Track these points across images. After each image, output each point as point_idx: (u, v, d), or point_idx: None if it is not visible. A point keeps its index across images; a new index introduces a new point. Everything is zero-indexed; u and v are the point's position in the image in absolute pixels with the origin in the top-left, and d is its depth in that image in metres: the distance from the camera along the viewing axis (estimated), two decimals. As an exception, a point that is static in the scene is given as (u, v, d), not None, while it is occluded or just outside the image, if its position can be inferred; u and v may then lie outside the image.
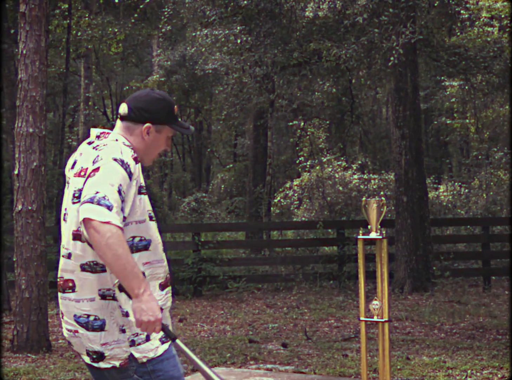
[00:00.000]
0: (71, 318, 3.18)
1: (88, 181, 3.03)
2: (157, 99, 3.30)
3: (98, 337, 3.10)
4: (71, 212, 3.17)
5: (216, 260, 14.44)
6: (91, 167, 3.08)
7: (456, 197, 21.35)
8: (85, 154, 3.24)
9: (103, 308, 3.10)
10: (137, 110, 3.26)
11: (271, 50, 14.83)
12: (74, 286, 3.15)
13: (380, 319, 5.39)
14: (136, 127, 3.28)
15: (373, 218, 5.42)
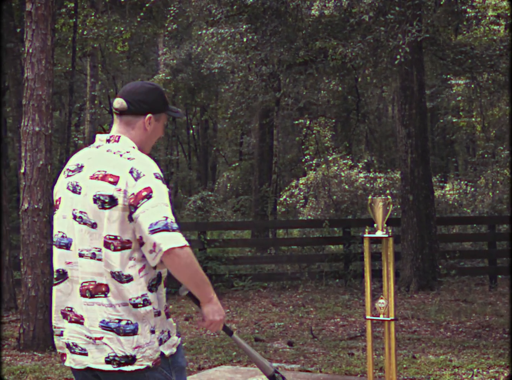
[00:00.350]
0: (95, 324, 3.18)
1: (146, 203, 3.12)
2: (152, 90, 3.37)
3: (131, 341, 3.14)
4: (99, 218, 3.19)
5: (222, 259, 14.44)
6: (135, 183, 3.14)
7: (462, 195, 21.33)
8: (99, 158, 3.27)
9: (137, 314, 3.16)
10: (136, 103, 3.32)
11: (277, 49, 14.83)
12: (107, 291, 3.17)
13: (386, 318, 5.39)
14: (138, 120, 3.35)
15: (379, 216, 5.42)
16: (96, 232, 3.19)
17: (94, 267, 3.19)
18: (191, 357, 8.28)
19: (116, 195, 3.15)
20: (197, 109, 34.97)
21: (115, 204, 3.15)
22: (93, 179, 3.22)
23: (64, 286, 3.29)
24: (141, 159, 3.22)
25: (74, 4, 21.19)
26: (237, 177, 31.30)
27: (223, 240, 15.08)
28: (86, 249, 3.21)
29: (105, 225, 3.17)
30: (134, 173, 3.16)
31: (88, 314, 3.18)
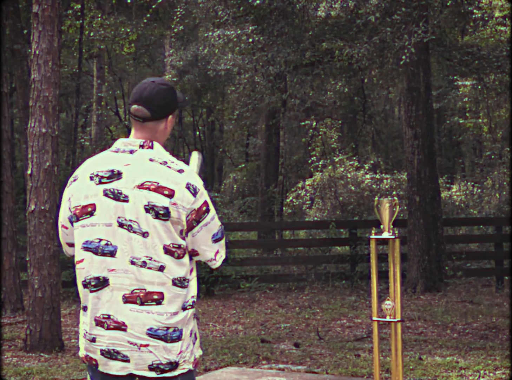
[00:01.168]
0: (142, 331, 3.20)
1: (207, 217, 3.32)
2: (168, 90, 3.39)
3: (176, 347, 3.22)
4: (154, 227, 3.23)
5: (228, 260, 14.44)
6: (195, 199, 3.27)
7: (469, 196, 21.30)
8: (143, 167, 3.29)
9: (183, 319, 3.27)
10: (158, 110, 3.34)
11: (284, 50, 14.84)
12: (161, 299, 3.22)
13: (392, 319, 5.38)
14: (161, 123, 3.39)
15: (386, 217, 5.41)
16: (147, 241, 3.22)
17: (145, 275, 3.21)
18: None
19: (171, 208, 3.21)
20: (204, 110, 34.99)
21: (169, 216, 3.21)
22: (143, 189, 3.24)
23: (103, 293, 3.26)
24: (190, 172, 3.34)
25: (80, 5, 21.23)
26: (244, 179, 31.30)
27: (230, 241, 15.07)
28: (137, 257, 3.22)
29: (162, 234, 3.23)
30: (191, 189, 3.26)
31: (133, 321, 3.20)
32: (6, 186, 11.58)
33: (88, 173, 3.34)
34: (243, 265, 15.09)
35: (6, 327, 10.53)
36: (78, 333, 9.88)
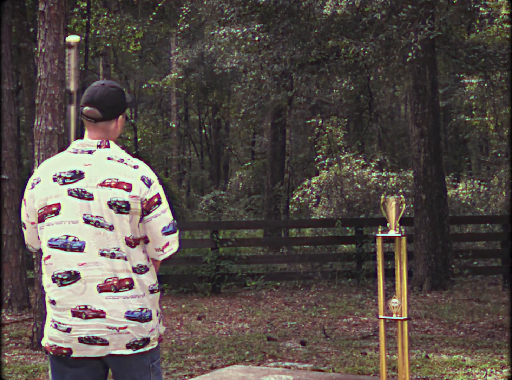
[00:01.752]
0: (121, 315, 3.50)
1: (158, 209, 3.56)
2: (117, 92, 3.64)
3: (148, 326, 3.56)
4: (116, 221, 3.51)
5: (234, 258, 14.45)
6: (148, 190, 3.54)
7: (475, 194, 21.26)
8: (103, 166, 3.55)
9: (151, 301, 3.59)
10: (109, 110, 3.61)
11: (289, 48, 14.83)
12: (132, 284, 3.53)
13: (399, 317, 5.37)
14: (111, 124, 3.65)
15: (392, 215, 5.40)
16: (113, 234, 3.51)
17: (115, 265, 3.50)
18: (203, 356, 8.28)
19: (130, 201, 3.50)
20: (209, 108, 35.01)
21: (129, 209, 3.50)
22: (105, 186, 3.51)
23: (76, 286, 3.49)
24: (144, 167, 3.62)
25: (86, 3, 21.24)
26: (250, 177, 31.31)
27: (236, 239, 15.07)
28: (106, 249, 3.50)
29: (124, 227, 3.52)
30: (146, 181, 3.55)
31: (111, 308, 3.49)
32: (12, 184, 11.60)
33: (50, 174, 3.56)
34: (249, 263, 15.08)
35: (13, 325, 10.56)
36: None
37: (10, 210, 11.55)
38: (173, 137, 31.12)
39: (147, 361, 3.61)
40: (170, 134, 30.98)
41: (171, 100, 31.61)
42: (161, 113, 34.59)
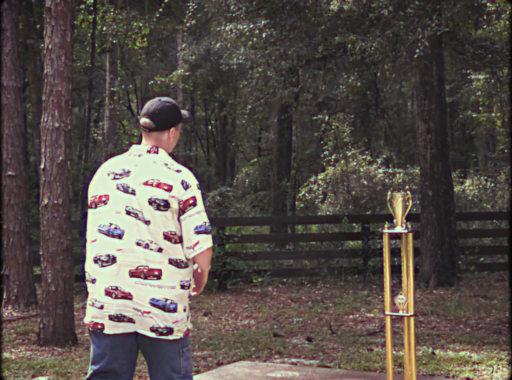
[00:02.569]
0: (145, 300, 3.93)
1: (192, 210, 4.02)
2: (171, 108, 4.20)
3: (173, 317, 3.96)
4: (155, 216, 3.98)
5: (240, 254, 14.46)
6: (185, 192, 4.03)
7: (482, 191, 21.22)
8: (148, 167, 4.08)
9: (179, 295, 4.00)
10: (161, 122, 4.16)
11: (296, 44, 14.80)
12: (160, 275, 3.96)
13: (405, 314, 5.37)
14: (164, 134, 4.19)
15: (399, 212, 5.39)
16: (148, 227, 3.98)
17: (148, 255, 3.96)
18: (210, 353, 8.30)
19: (170, 200, 3.98)
20: (216, 105, 34.99)
21: (168, 207, 3.98)
22: (147, 185, 4.02)
23: (112, 269, 3.98)
24: (186, 172, 4.10)
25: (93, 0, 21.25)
26: (256, 173, 31.29)
27: (242, 236, 15.09)
28: (141, 240, 3.97)
29: (163, 222, 3.99)
30: (184, 185, 4.04)
31: (138, 292, 3.94)
32: (19, 180, 11.62)
33: (106, 171, 4.16)
34: (256, 259, 15.09)
35: (20, 321, 10.58)
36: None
37: (17, 206, 11.56)
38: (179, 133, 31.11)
39: (177, 346, 4.03)
40: (177, 130, 30.95)
41: (177, 97, 31.61)
42: (168, 110, 34.57)
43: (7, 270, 11.50)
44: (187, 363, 4.07)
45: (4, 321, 10.40)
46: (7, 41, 11.69)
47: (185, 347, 4.06)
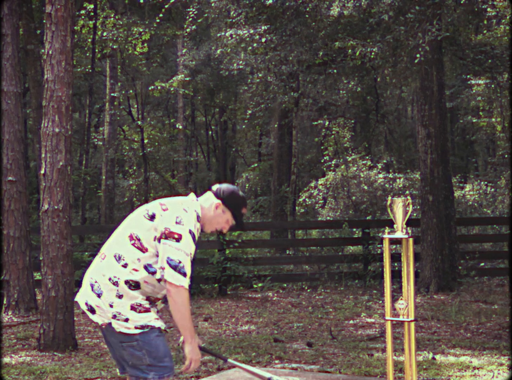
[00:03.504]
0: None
1: (173, 243, 4.35)
2: (237, 194, 4.62)
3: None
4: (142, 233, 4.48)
5: (241, 259, 14.45)
6: (173, 227, 4.38)
7: (482, 196, 21.22)
8: (175, 202, 4.54)
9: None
10: (218, 191, 4.59)
11: (296, 49, 14.82)
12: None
13: (406, 319, 5.37)
14: (213, 201, 4.59)
15: (399, 217, 5.39)
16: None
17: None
18: (210, 358, 8.29)
19: (157, 215, 4.43)
20: (216, 110, 35.01)
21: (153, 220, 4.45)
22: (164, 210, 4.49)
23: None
24: (189, 216, 4.43)
25: (93, 5, 21.28)
26: (256, 178, 31.30)
27: (242, 241, 15.08)
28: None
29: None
30: (178, 219, 4.38)
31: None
32: (19, 186, 11.62)
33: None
34: (256, 265, 15.08)
35: (20, 326, 10.58)
36: (90, 332, 9.90)
37: (18, 212, 11.56)
38: (179, 139, 31.15)
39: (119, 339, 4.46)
40: (177, 136, 31.00)
41: (177, 102, 31.63)
42: (168, 115, 34.61)
43: (7, 275, 11.50)
44: (131, 358, 4.42)
45: (4, 326, 10.40)
46: (8, 47, 11.70)
47: (125, 342, 4.40)
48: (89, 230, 19.15)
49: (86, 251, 14.88)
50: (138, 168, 28.68)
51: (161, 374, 4.44)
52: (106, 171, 23.45)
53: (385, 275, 5.45)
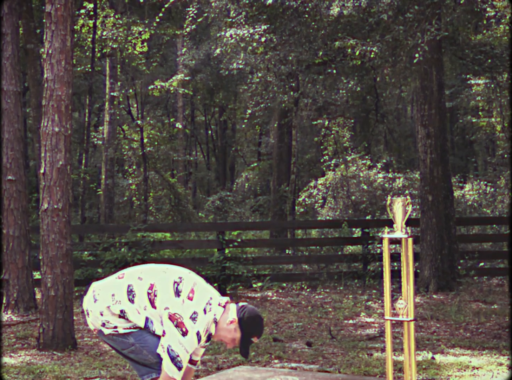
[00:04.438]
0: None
1: (179, 335, 4.53)
2: (257, 322, 4.81)
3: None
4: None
5: (240, 259, 14.45)
6: (186, 320, 4.55)
7: (482, 195, 21.23)
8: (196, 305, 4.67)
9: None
10: (243, 312, 4.74)
11: (296, 49, 14.81)
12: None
13: (405, 318, 5.37)
14: (233, 315, 4.71)
15: (398, 216, 5.39)
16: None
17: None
18: (209, 357, 8.29)
19: (182, 296, 4.66)
20: (216, 109, 35.02)
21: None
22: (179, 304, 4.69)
23: None
24: (205, 319, 4.60)
25: (93, 5, 21.27)
26: (256, 178, 31.31)
27: (242, 240, 15.07)
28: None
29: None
30: (193, 316, 4.57)
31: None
32: (19, 185, 11.62)
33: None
34: (255, 264, 15.08)
35: (19, 326, 10.57)
36: (90, 332, 9.90)
37: (17, 211, 11.56)
38: (179, 139, 31.15)
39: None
40: (177, 135, 30.99)
41: (177, 102, 31.63)
42: (168, 115, 34.61)
43: (6, 274, 11.50)
44: (139, 360, 4.70)
45: (3, 326, 10.39)
46: (7, 46, 11.70)
47: (125, 350, 4.73)
48: (88, 229, 19.15)
49: (85, 250, 14.88)
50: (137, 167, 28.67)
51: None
52: (106, 171, 23.44)
53: (385, 275, 5.45)
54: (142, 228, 14.64)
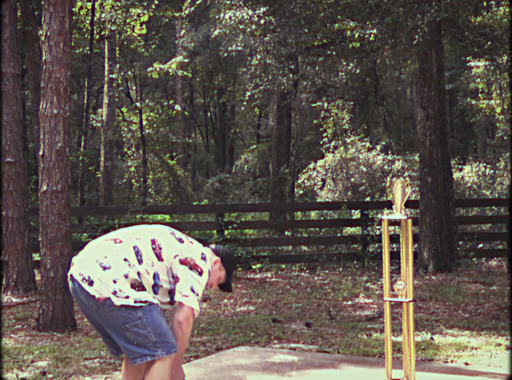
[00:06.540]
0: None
1: (195, 276, 4.77)
2: (233, 256, 5.22)
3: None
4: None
5: (239, 240, 14.47)
6: (198, 261, 4.83)
7: (481, 177, 21.24)
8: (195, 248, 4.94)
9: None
10: (220, 251, 5.08)
11: (295, 31, 14.78)
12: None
13: (404, 299, 5.39)
14: (212, 257, 5.02)
15: (398, 198, 5.40)
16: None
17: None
18: (209, 338, 8.32)
19: (186, 242, 4.90)
20: (215, 92, 34.95)
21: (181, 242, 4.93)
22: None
23: None
24: (211, 259, 5.01)
25: (91, -14, 21.19)
26: (255, 160, 31.29)
27: (241, 222, 15.09)
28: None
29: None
30: (203, 255, 4.87)
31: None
32: (18, 167, 11.62)
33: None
34: (255, 246, 15.11)
35: (19, 307, 10.60)
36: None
37: (16, 193, 11.56)
38: (178, 121, 31.11)
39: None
40: (176, 117, 30.95)
41: (176, 84, 31.56)
42: (166, 97, 34.55)
43: (6, 256, 11.52)
44: (137, 337, 4.69)
45: (3, 307, 10.42)
46: (6, 28, 11.66)
47: (128, 323, 4.67)
48: (87, 211, 19.16)
49: (84, 231, 14.90)
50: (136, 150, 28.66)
51: (168, 350, 4.65)
52: (105, 153, 23.43)
53: (384, 256, 5.47)
54: (141, 209, 14.65)
